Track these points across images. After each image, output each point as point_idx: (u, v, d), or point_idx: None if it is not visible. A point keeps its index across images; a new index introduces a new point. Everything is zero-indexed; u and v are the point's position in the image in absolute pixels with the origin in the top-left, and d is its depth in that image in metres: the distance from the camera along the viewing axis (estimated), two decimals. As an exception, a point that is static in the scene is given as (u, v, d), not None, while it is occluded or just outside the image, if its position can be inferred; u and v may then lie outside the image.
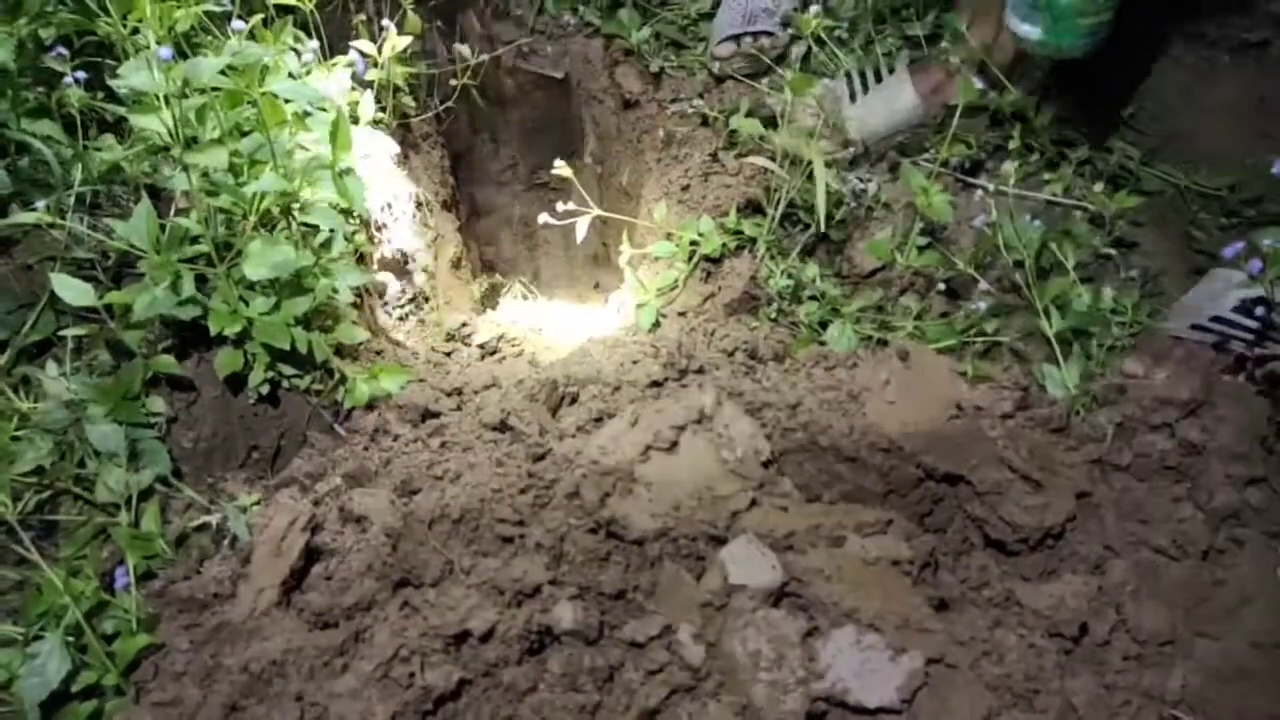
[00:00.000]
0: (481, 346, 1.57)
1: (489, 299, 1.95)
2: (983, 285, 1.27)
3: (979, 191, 1.48)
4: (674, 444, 0.97)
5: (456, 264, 1.82)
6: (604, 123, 2.15)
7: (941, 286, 1.31)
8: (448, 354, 1.63)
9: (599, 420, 1.13)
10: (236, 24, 0.97)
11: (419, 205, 1.73)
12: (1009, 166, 1.39)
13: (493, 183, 2.09)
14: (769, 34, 1.90)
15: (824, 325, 1.40)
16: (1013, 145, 1.65)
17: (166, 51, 0.85)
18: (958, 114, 1.29)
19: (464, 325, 1.65)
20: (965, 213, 1.54)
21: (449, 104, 1.70)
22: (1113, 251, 1.49)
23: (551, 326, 1.62)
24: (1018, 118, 1.67)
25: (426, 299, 1.72)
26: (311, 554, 0.96)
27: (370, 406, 1.21)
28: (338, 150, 0.97)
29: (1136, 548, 1.07)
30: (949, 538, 0.99)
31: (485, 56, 1.76)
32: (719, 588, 0.83)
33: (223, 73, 1.04)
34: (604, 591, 0.84)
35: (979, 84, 1.30)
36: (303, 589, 0.93)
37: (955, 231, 1.54)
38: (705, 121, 1.83)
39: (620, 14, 2.10)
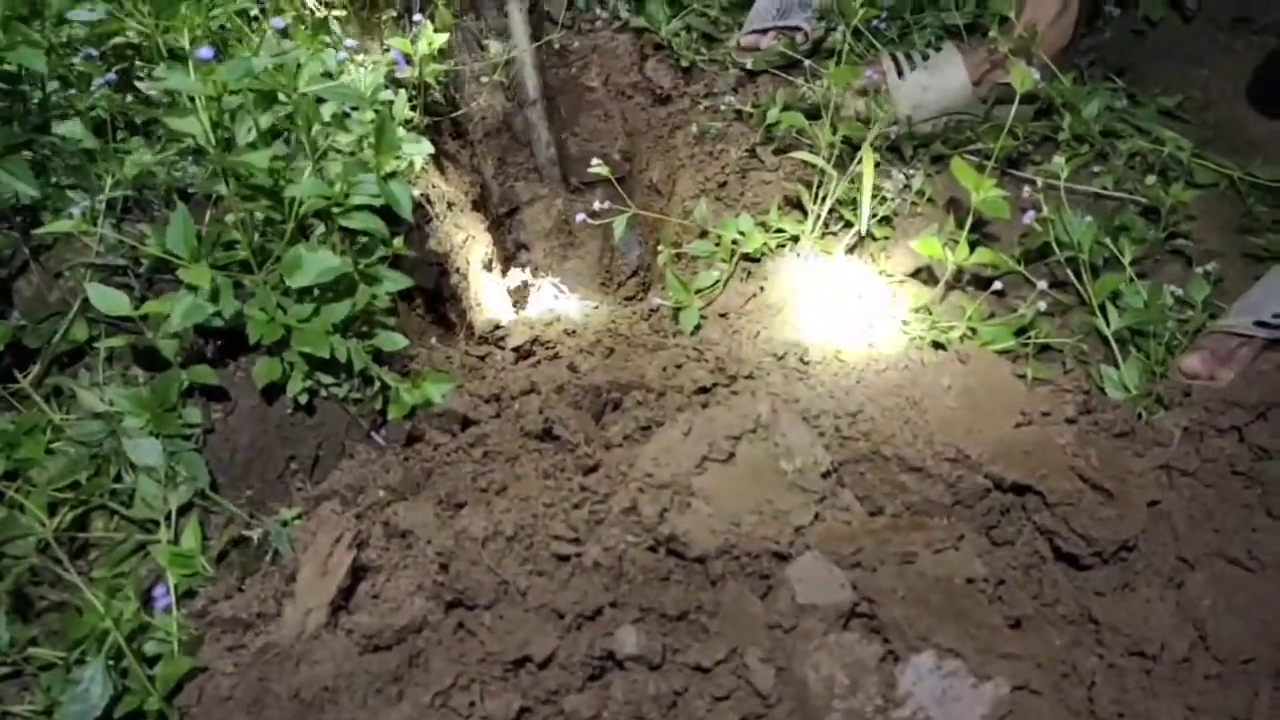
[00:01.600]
0: (516, 350, 1.53)
1: (519, 299, 1.92)
2: (1041, 285, 1.22)
3: (1026, 185, 1.43)
4: (730, 455, 0.93)
5: (487, 265, 1.78)
6: (633, 118, 2.10)
7: (999, 286, 1.26)
8: (481, 357, 1.60)
9: (647, 429, 1.10)
10: (276, 22, 0.93)
11: (450, 206, 1.70)
12: (1060, 160, 1.34)
13: (521, 180, 2.06)
14: (798, 29, 1.85)
15: (870, 326, 1.36)
16: (1062, 136, 1.60)
17: (207, 52, 0.82)
18: (1015, 105, 1.24)
19: (497, 328, 1.62)
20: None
21: (477, 101, 1.66)
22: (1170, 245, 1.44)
23: (586, 328, 1.58)
24: (1067, 108, 1.62)
25: (458, 301, 1.68)
26: (357, 572, 0.93)
27: (408, 415, 1.18)
28: (382, 154, 0.94)
29: (1211, 559, 1.03)
30: (1018, 550, 0.95)
31: (514, 52, 1.73)
32: (787, 608, 0.79)
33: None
34: (666, 613, 0.80)
35: (1035, 74, 1.25)
36: (350, 609, 0.89)
37: (998, 226, 1.49)
38: (740, 116, 1.79)
39: (650, 7, 2.06)
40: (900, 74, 1.64)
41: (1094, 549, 0.96)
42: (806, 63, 1.79)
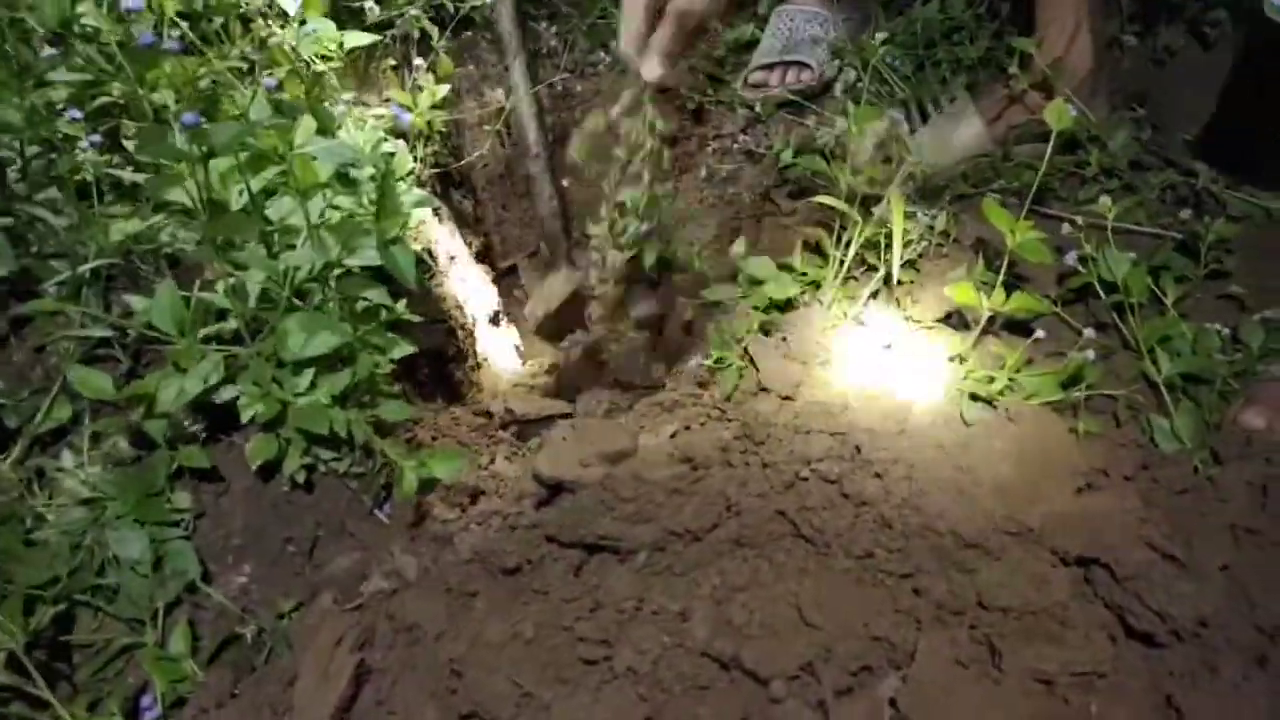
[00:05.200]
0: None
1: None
2: (1088, 332, 1.15)
3: (1066, 224, 1.36)
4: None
5: (494, 320, 1.71)
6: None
7: (1041, 334, 1.18)
8: (489, 414, 1.52)
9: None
10: (268, 82, 0.87)
11: (452, 259, 1.63)
12: (1106, 200, 1.27)
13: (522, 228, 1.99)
14: (805, 65, 1.80)
15: (905, 378, 1.28)
16: (1090, 171, 1.54)
17: (191, 117, 0.75)
18: (1050, 144, 1.17)
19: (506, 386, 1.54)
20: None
21: (482, 153, 1.60)
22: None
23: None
24: (1093, 141, 1.56)
25: (464, 359, 1.61)
26: (360, 676, 0.84)
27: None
28: (384, 218, 0.87)
29: (1294, 631, 0.94)
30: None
31: (514, 103, 1.67)
32: None
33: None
34: (710, 726, 0.71)
35: (1071, 111, 1.18)
36: (353, 718, 0.81)
37: (1029, 266, 1.42)
38: (751, 158, 1.73)
39: (651, 51, 2.00)
40: (912, 130, 1.58)
41: (1170, 627, 0.87)
42: (811, 104, 1.74)
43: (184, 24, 1.15)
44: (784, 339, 1.34)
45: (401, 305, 1.05)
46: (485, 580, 0.94)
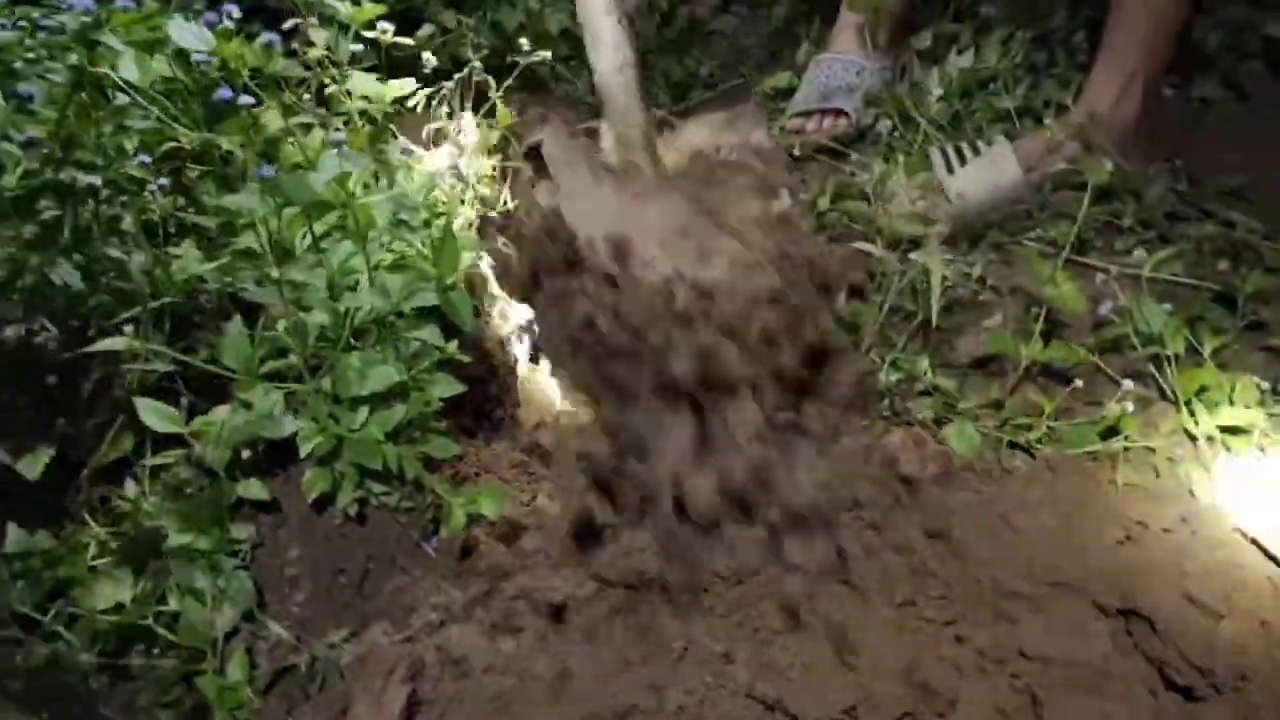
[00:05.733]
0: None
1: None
2: (1126, 384, 1.16)
3: (1100, 275, 1.37)
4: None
5: (534, 358, 1.75)
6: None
7: (1079, 383, 1.20)
8: (530, 450, 1.55)
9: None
10: (336, 136, 0.92)
11: (495, 299, 1.67)
12: (1141, 252, 1.29)
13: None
14: (841, 112, 1.84)
15: (939, 423, 1.30)
16: (1126, 222, 1.56)
17: (268, 170, 0.80)
18: (1087, 197, 1.20)
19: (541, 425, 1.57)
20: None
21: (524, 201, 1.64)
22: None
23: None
24: (1130, 192, 1.58)
25: (505, 395, 1.65)
26: (411, 706, 0.87)
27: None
28: (444, 266, 0.91)
29: (1335, 687, 0.94)
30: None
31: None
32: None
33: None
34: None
35: (1108, 165, 1.21)
36: (405, 750, 0.83)
37: (1066, 314, 1.44)
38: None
39: (691, 96, 2.06)
40: (950, 170, 1.60)
41: (1210, 680, 0.88)
42: (849, 151, 1.77)
43: (247, 77, 1.21)
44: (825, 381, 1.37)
45: (453, 346, 1.09)
46: (531, 616, 0.96)
